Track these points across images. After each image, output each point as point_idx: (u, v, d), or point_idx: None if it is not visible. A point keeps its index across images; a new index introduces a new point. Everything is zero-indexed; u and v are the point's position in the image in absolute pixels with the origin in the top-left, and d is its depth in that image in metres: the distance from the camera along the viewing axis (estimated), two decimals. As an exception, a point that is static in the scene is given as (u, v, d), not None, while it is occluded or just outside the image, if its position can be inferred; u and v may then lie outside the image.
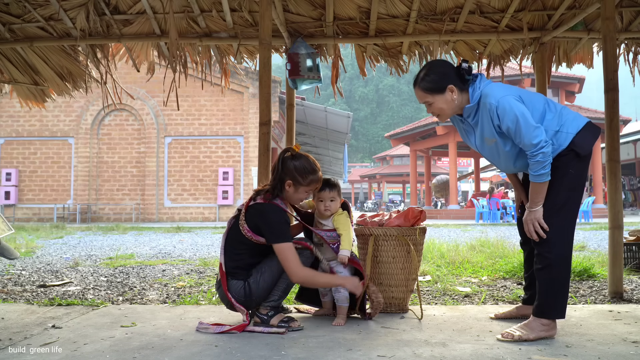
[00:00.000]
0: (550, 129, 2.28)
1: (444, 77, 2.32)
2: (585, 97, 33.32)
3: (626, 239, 4.50)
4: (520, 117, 2.19)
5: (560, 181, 2.28)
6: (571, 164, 2.29)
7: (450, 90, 2.31)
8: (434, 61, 2.47)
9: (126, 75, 16.34)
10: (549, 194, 2.30)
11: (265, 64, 3.47)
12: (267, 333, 2.38)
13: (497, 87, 2.32)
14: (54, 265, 5.35)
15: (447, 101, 2.33)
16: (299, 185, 2.54)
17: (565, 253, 2.28)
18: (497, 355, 2.03)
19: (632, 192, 26.05)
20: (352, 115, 18.33)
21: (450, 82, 2.31)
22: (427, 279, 4.15)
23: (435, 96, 2.33)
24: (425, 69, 2.40)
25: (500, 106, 2.23)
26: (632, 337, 2.28)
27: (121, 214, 18.07)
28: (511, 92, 2.30)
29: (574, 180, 2.30)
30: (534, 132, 2.18)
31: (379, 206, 36.48)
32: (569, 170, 2.28)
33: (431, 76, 2.34)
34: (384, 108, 60.50)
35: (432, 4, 4.19)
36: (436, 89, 2.32)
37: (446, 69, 2.36)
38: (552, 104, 2.37)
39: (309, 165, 2.56)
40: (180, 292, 3.75)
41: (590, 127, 2.33)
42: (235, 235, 2.56)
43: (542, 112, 2.31)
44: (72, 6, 4.18)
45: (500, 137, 2.31)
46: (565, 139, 2.28)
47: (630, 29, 4.25)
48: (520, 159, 2.35)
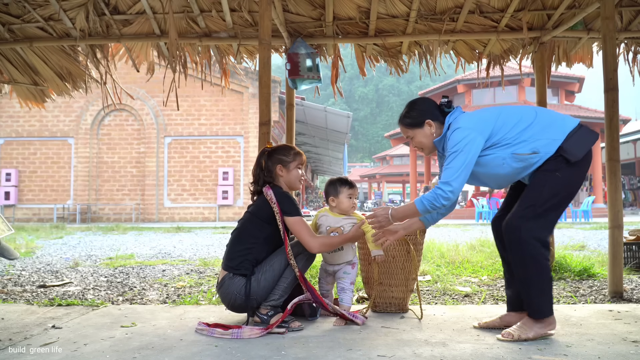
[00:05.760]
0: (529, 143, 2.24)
1: (422, 112, 2.44)
2: (585, 96, 33.32)
3: (626, 239, 4.50)
4: (460, 153, 2.25)
5: (545, 183, 2.24)
6: (559, 168, 2.23)
7: (429, 125, 2.43)
8: (416, 99, 2.57)
9: (126, 75, 16.32)
10: (531, 193, 2.26)
11: (265, 64, 3.47)
12: (267, 333, 2.38)
13: (463, 118, 2.35)
14: (54, 266, 5.35)
15: (426, 135, 2.45)
16: (288, 163, 2.71)
17: (535, 253, 2.21)
18: (497, 355, 2.03)
19: (632, 191, 26.06)
20: (352, 115, 18.34)
21: (429, 117, 2.43)
22: (427, 278, 4.15)
23: (415, 130, 2.46)
24: (407, 106, 2.52)
25: (453, 135, 2.31)
26: (632, 336, 2.28)
27: (121, 214, 18.07)
28: (475, 125, 2.29)
29: (558, 184, 2.23)
30: (459, 176, 2.24)
31: (379, 206, 36.46)
32: (555, 173, 2.23)
33: (411, 113, 2.47)
34: (384, 108, 60.52)
35: (432, 4, 4.19)
36: (415, 124, 2.45)
37: (426, 105, 2.48)
38: (536, 117, 2.30)
39: (284, 147, 2.78)
40: (180, 292, 3.75)
41: (582, 133, 2.27)
42: (248, 230, 2.63)
43: (517, 128, 2.26)
44: (71, 6, 4.18)
45: None
46: (550, 145, 2.23)
47: (630, 29, 4.25)
48: (502, 172, 2.31)
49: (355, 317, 2.57)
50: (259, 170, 2.72)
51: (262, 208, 2.62)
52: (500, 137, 2.27)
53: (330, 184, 2.82)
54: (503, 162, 2.27)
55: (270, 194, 2.60)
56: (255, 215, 2.64)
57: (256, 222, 2.62)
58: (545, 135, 2.25)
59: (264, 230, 2.61)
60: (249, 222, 2.65)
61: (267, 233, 2.61)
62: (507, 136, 2.27)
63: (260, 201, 2.65)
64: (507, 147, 2.26)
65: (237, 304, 2.53)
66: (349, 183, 2.80)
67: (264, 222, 2.61)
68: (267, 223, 2.61)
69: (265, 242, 2.60)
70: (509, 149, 2.26)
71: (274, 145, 2.79)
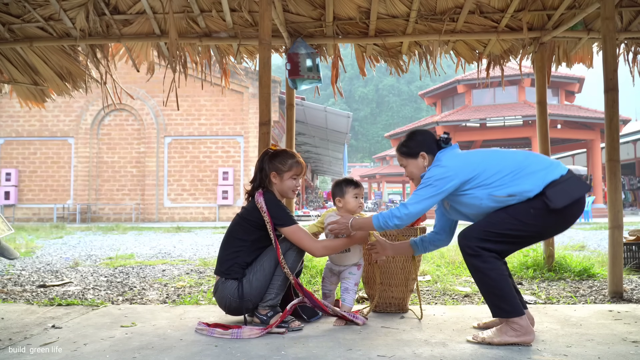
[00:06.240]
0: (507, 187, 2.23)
1: (419, 144, 2.48)
2: (585, 97, 33.31)
3: (626, 239, 4.50)
4: (429, 186, 2.29)
5: (512, 213, 2.21)
6: (537, 207, 2.18)
7: (422, 157, 2.46)
8: (416, 130, 2.60)
9: (126, 75, 16.33)
10: (494, 216, 2.24)
11: (265, 64, 3.47)
12: (266, 333, 2.38)
13: (448, 156, 2.37)
14: (53, 265, 5.35)
15: (418, 166, 2.48)
16: (282, 172, 2.67)
17: (480, 265, 2.23)
18: (497, 355, 2.03)
19: (632, 191, 26.06)
20: (352, 115, 18.35)
21: (424, 150, 2.46)
22: (427, 278, 4.15)
23: (409, 160, 2.50)
24: (407, 136, 2.56)
25: (432, 169, 2.35)
26: (632, 337, 2.28)
27: (121, 214, 18.07)
28: (456, 166, 2.30)
29: (526, 221, 2.19)
30: (419, 204, 2.29)
31: (379, 206, 36.48)
32: (529, 209, 2.19)
33: (408, 143, 2.51)
34: (384, 108, 60.49)
35: (432, 4, 4.19)
36: (410, 154, 2.49)
37: (424, 137, 2.50)
38: (522, 163, 2.26)
39: (285, 154, 2.72)
40: (180, 292, 3.75)
41: (569, 182, 2.20)
42: (236, 233, 2.61)
43: (499, 174, 2.25)
44: (71, 6, 4.18)
45: (448, 198, 2.38)
46: (527, 193, 2.19)
47: (630, 29, 4.25)
48: (480, 211, 2.31)
49: (356, 318, 2.57)
50: (258, 171, 2.71)
51: (251, 213, 2.59)
52: (481, 180, 2.28)
53: (336, 185, 2.83)
54: (480, 202, 2.29)
55: (260, 201, 2.56)
56: (244, 220, 2.61)
57: (245, 227, 2.60)
58: (526, 181, 2.21)
59: (253, 234, 2.59)
60: (238, 225, 2.63)
61: (255, 236, 2.59)
62: (487, 180, 2.27)
63: (250, 206, 2.62)
64: (484, 188, 2.27)
65: (233, 306, 2.53)
66: (354, 183, 2.81)
67: (253, 227, 2.58)
68: (256, 228, 2.58)
69: (253, 245, 2.59)
70: (487, 189, 2.26)
71: (277, 149, 2.76)
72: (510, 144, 25.90)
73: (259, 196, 2.58)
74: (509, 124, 21.39)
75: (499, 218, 2.24)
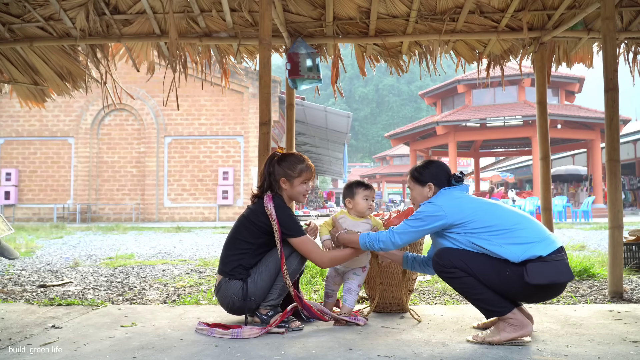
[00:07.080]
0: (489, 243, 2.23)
1: (430, 175, 2.51)
2: (585, 96, 33.32)
3: (626, 239, 4.50)
4: (419, 220, 2.36)
5: (491, 262, 2.21)
6: (512, 268, 2.16)
7: (429, 187, 2.51)
8: (434, 161, 2.63)
9: (126, 75, 16.32)
10: (473, 254, 2.25)
11: (265, 64, 3.47)
12: (266, 333, 2.38)
13: (445, 197, 2.40)
14: (54, 265, 5.35)
15: (422, 194, 2.53)
16: (292, 178, 2.63)
17: (452, 277, 2.27)
18: (497, 355, 2.03)
19: (632, 191, 26.04)
20: (352, 115, 18.34)
21: (433, 181, 2.50)
22: (427, 278, 4.16)
23: (416, 185, 2.56)
24: (424, 163, 2.60)
25: (426, 205, 2.41)
26: (632, 337, 2.28)
27: (121, 214, 18.07)
28: (448, 207, 2.32)
29: (500, 275, 2.18)
30: (406, 234, 2.37)
31: (379, 206, 36.49)
32: (507, 268, 2.17)
33: (422, 169, 2.55)
34: (384, 108, 60.46)
35: (432, 4, 4.19)
36: (419, 181, 2.54)
37: (438, 170, 2.53)
38: (515, 226, 2.24)
39: (295, 158, 2.67)
40: (180, 292, 3.75)
41: (554, 265, 2.15)
42: (241, 235, 2.59)
43: (488, 229, 2.25)
44: (72, 6, 4.18)
45: (436, 235, 2.43)
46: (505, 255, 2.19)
47: (630, 29, 4.25)
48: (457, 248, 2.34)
49: (357, 320, 2.57)
50: (266, 175, 2.65)
51: (259, 218, 2.55)
52: (467, 228, 2.29)
53: (347, 187, 2.81)
54: (458, 245, 2.31)
55: (270, 207, 2.52)
56: (251, 223, 2.57)
57: (252, 230, 2.57)
58: (507, 249, 2.19)
59: (259, 238, 2.57)
60: (244, 226, 2.60)
61: (261, 240, 2.57)
62: (473, 230, 2.27)
63: (259, 209, 2.57)
64: (467, 235, 2.28)
65: (236, 306, 2.53)
66: (364, 185, 2.79)
67: (260, 231, 2.56)
68: (263, 233, 2.56)
69: (259, 248, 2.57)
70: (468, 237, 2.28)
71: (285, 152, 2.71)
72: (510, 144, 25.91)
73: (268, 201, 2.54)
74: (509, 123, 21.38)
75: (477, 257, 2.24)
